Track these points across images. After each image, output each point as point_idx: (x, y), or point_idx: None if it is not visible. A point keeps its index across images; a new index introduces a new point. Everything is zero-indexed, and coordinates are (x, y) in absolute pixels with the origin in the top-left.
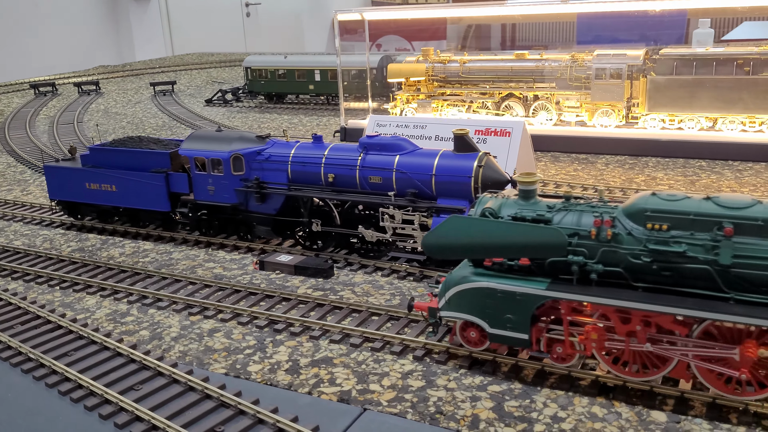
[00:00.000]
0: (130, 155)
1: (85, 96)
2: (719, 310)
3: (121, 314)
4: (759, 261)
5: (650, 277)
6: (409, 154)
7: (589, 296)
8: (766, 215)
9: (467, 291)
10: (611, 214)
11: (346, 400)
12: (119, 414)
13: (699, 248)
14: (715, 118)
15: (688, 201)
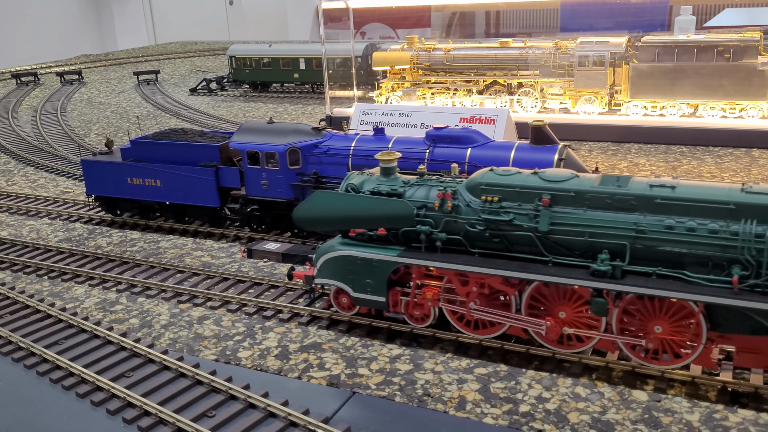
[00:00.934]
0: (177, 149)
1: (67, 85)
2: (538, 271)
3: (111, 303)
4: (571, 227)
5: (485, 244)
6: (482, 146)
7: (432, 261)
8: (577, 187)
9: (333, 259)
10: (454, 188)
11: (335, 384)
12: (111, 400)
13: (524, 217)
14: (696, 105)
15: (518, 176)
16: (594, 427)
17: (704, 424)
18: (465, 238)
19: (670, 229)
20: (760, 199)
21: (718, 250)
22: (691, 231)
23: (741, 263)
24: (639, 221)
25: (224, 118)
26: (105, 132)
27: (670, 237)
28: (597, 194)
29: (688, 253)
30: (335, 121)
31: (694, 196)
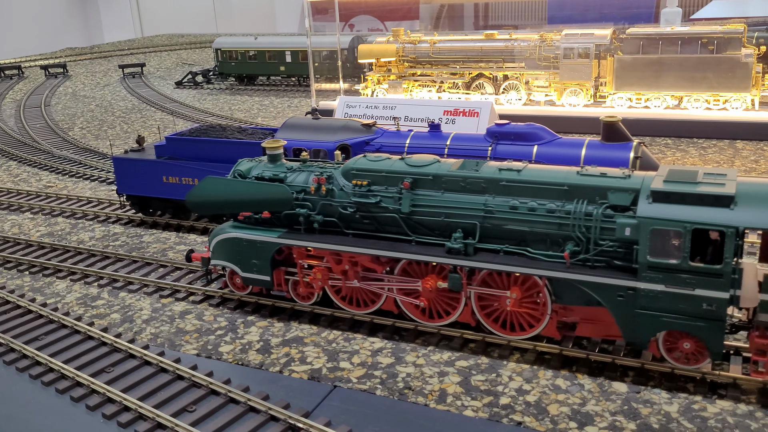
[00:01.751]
0: (217, 146)
1: (52, 79)
2: (402, 250)
3: (92, 298)
4: (430, 209)
5: (358, 225)
6: (550, 143)
7: (309, 242)
8: (436, 171)
9: (223, 241)
10: (330, 173)
11: (316, 378)
12: (91, 396)
13: (389, 199)
14: (681, 97)
15: (386, 161)
16: (573, 418)
17: (683, 414)
18: (340, 219)
19: (514, 209)
20: (590, 180)
21: (555, 228)
22: (531, 211)
23: (574, 240)
24: (488, 202)
25: (210, 111)
26: (89, 126)
27: (514, 216)
28: (452, 178)
29: (529, 231)
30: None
31: (535, 178)
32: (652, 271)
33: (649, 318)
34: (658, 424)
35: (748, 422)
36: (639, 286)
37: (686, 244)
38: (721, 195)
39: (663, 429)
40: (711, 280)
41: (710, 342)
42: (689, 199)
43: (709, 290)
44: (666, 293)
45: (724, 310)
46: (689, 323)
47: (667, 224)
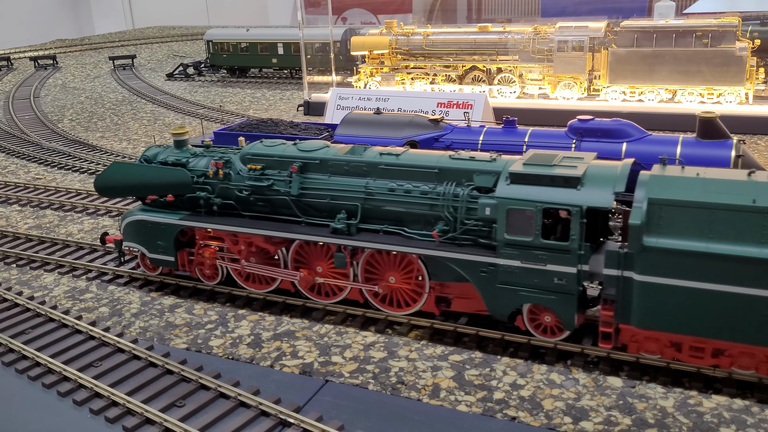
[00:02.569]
0: None
1: (41, 70)
2: (292, 230)
3: (80, 291)
4: (317, 191)
5: (254, 207)
6: (639, 141)
7: (206, 224)
8: (323, 156)
9: (131, 223)
10: (228, 157)
11: (308, 373)
12: (78, 391)
13: (281, 183)
14: (675, 90)
15: (279, 147)
16: (568, 413)
17: (678, 409)
18: (237, 202)
19: (392, 191)
20: (459, 164)
21: (427, 208)
22: (407, 192)
23: (443, 219)
24: (369, 185)
25: (201, 103)
26: (79, 118)
27: (392, 198)
28: (337, 162)
29: (405, 212)
30: (313, 107)
31: (411, 162)
32: (509, 248)
33: (509, 292)
34: (654, 419)
35: (744, 417)
36: (498, 262)
37: (538, 222)
38: (570, 176)
39: (659, 424)
40: (560, 256)
41: (563, 314)
42: (541, 181)
43: (559, 265)
44: (522, 268)
45: (573, 284)
46: (543, 297)
47: (521, 204)
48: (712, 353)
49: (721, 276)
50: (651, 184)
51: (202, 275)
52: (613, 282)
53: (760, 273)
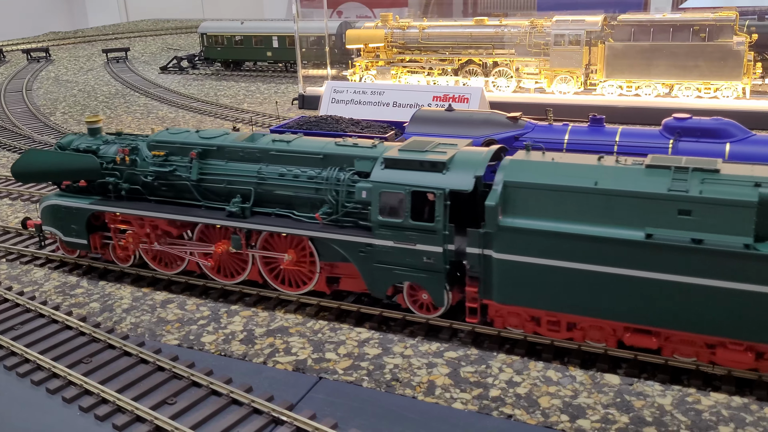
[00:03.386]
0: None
1: (34, 63)
2: (192, 214)
3: (71, 286)
4: (215, 176)
5: (159, 192)
6: (744, 141)
7: (114, 207)
8: (220, 143)
9: (46, 208)
10: (135, 144)
11: (301, 370)
12: (68, 388)
13: (182, 168)
14: (672, 85)
15: (182, 134)
16: (565, 411)
17: (677, 407)
18: (143, 187)
19: (282, 176)
20: (342, 150)
21: (313, 192)
22: (296, 177)
23: (327, 202)
24: (261, 170)
25: (195, 96)
26: (71, 111)
27: (282, 182)
28: (233, 148)
29: (294, 196)
30: (308, 101)
31: (300, 148)
32: (383, 229)
33: (384, 271)
34: (652, 417)
35: (743, 415)
36: (374, 242)
37: (407, 204)
38: (436, 161)
39: (656, 422)
40: (428, 236)
41: (433, 292)
42: (411, 165)
43: (427, 245)
44: (395, 248)
45: (441, 262)
46: (415, 275)
47: (392, 187)
48: (567, 327)
49: (570, 254)
50: (508, 168)
51: (115, 257)
52: (476, 260)
53: (603, 251)
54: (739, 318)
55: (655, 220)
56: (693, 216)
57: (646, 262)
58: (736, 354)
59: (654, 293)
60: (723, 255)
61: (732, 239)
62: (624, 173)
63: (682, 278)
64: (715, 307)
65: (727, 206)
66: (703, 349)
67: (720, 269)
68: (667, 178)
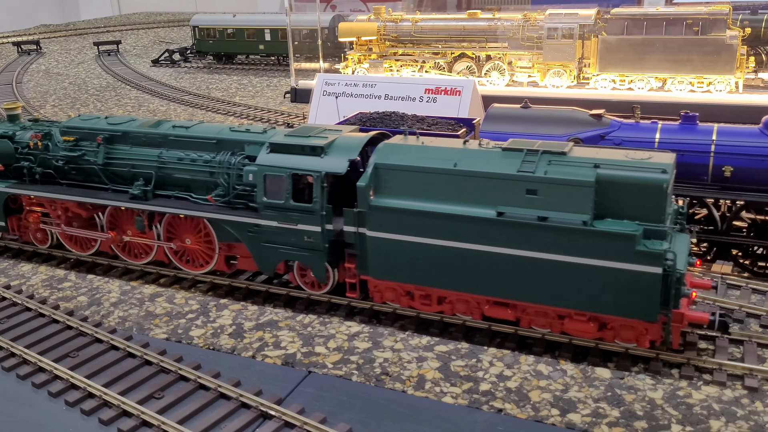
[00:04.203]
0: None
1: (25, 56)
2: (99, 197)
3: (58, 280)
4: (120, 161)
5: (70, 176)
6: None
7: (26, 191)
8: (125, 129)
9: None
10: (49, 130)
11: (290, 364)
12: (54, 382)
13: (91, 153)
14: (665, 79)
15: (92, 120)
16: (555, 405)
17: (667, 401)
18: (55, 171)
19: (181, 161)
20: (235, 135)
21: (208, 175)
22: (193, 161)
23: (220, 185)
24: (162, 155)
25: (187, 90)
26: (61, 104)
27: (180, 167)
28: (137, 134)
29: (191, 179)
30: (300, 94)
31: (196, 134)
32: (268, 210)
33: (271, 250)
34: (643, 411)
35: (734, 409)
36: (260, 222)
37: (288, 186)
38: (315, 146)
39: (647, 416)
40: (308, 216)
41: (315, 269)
42: (293, 150)
43: (307, 225)
44: (279, 228)
45: (320, 241)
46: (298, 253)
47: (275, 170)
48: (438, 300)
49: (434, 231)
50: (380, 151)
51: (34, 239)
52: (353, 238)
53: (462, 228)
54: (581, 290)
55: (506, 199)
56: (539, 195)
57: (498, 238)
58: (580, 324)
59: (507, 268)
60: (565, 231)
61: (572, 216)
62: (481, 156)
63: (531, 253)
64: (560, 280)
65: (568, 186)
66: (555, 321)
67: (562, 245)
68: (518, 160)
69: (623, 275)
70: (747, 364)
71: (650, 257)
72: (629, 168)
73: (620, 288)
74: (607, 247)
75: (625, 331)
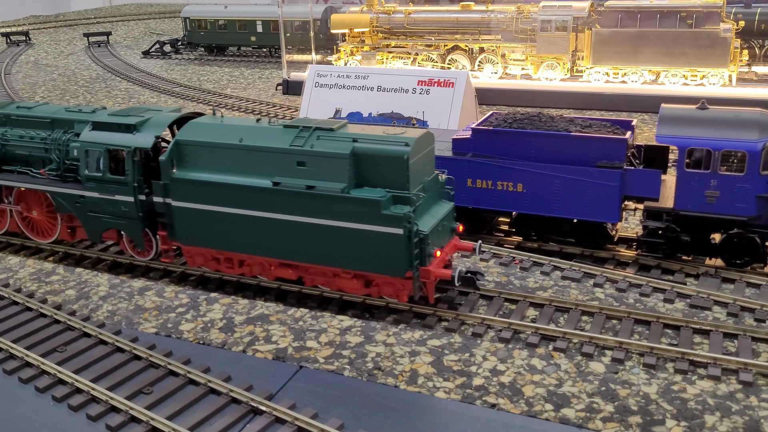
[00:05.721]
0: (554, 141)
1: (14, 47)
2: None
3: (47, 273)
4: (10, 144)
5: None
6: None
7: None
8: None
9: None
10: None
11: (281, 358)
12: (41, 377)
13: None
14: (658, 72)
15: None
16: (549, 400)
17: (662, 396)
18: None
19: (21, 138)
20: (67, 115)
21: (44, 151)
22: (32, 139)
23: (54, 161)
24: (6, 133)
25: (178, 81)
26: (50, 95)
27: (21, 144)
28: None
29: (30, 155)
30: (292, 86)
31: (35, 114)
32: (90, 182)
33: (96, 219)
34: (637, 405)
35: (728, 404)
36: (85, 194)
37: (105, 161)
38: (128, 124)
39: (642, 411)
40: (122, 188)
41: (133, 236)
42: (111, 128)
43: (122, 196)
44: (100, 199)
45: (134, 210)
46: (118, 222)
47: (94, 146)
48: (239, 264)
49: (226, 200)
50: (184, 129)
51: None
52: (162, 207)
53: (247, 197)
54: (344, 251)
55: (281, 171)
56: (307, 166)
57: (276, 205)
58: (348, 281)
59: (285, 232)
60: (327, 198)
61: (333, 185)
62: (264, 132)
63: (303, 219)
64: (328, 242)
65: (329, 158)
66: (330, 279)
67: (327, 210)
68: (292, 136)
69: (375, 236)
70: (741, 358)
71: (393, 220)
72: (380, 142)
73: (373, 248)
74: (360, 211)
75: (386, 287)
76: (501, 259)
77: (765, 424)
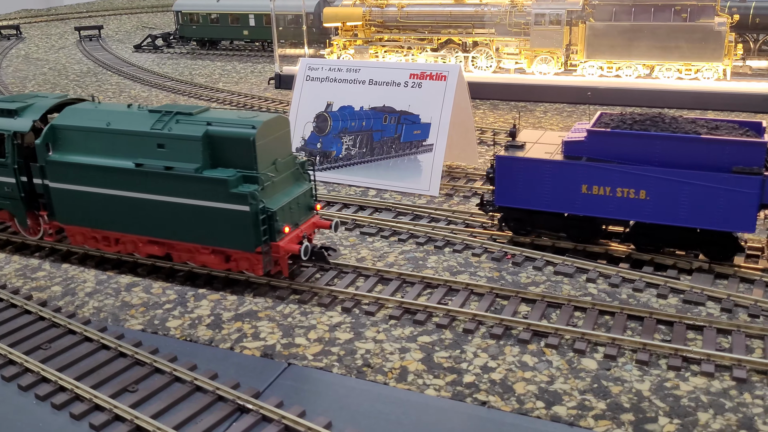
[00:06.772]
0: (680, 144)
1: (4, 41)
2: None
3: (32, 269)
4: None
5: None
6: None
7: None
8: None
9: None
10: None
11: (269, 355)
12: (24, 375)
13: None
14: (653, 66)
15: None
16: (541, 397)
17: (655, 393)
18: None
19: None
20: None
21: None
22: None
23: None
24: None
25: (170, 75)
26: (41, 89)
27: None
28: None
29: None
30: (285, 80)
31: None
32: None
33: None
34: (630, 403)
35: (722, 401)
36: None
37: None
38: (9, 109)
39: (634, 408)
40: (3, 170)
41: (16, 215)
42: None
43: (4, 177)
44: None
45: (16, 191)
46: (3, 202)
47: None
48: (114, 242)
49: (96, 181)
50: (62, 114)
51: None
52: (41, 189)
53: (114, 178)
54: (201, 228)
55: (143, 152)
56: (166, 148)
57: (140, 185)
58: (208, 257)
59: (150, 211)
60: (183, 178)
61: (189, 166)
62: (130, 116)
63: (163, 198)
64: (187, 219)
65: (184, 140)
66: (194, 254)
67: (184, 190)
68: (154, 120)
69: (225, 213)
70: (735, 354)
71: (239, 198)
72: (231, 125)
73: (225, 224)
74: (212, 190)
75: (243, 262)
76: (493, 254)
77: (759, 421)
